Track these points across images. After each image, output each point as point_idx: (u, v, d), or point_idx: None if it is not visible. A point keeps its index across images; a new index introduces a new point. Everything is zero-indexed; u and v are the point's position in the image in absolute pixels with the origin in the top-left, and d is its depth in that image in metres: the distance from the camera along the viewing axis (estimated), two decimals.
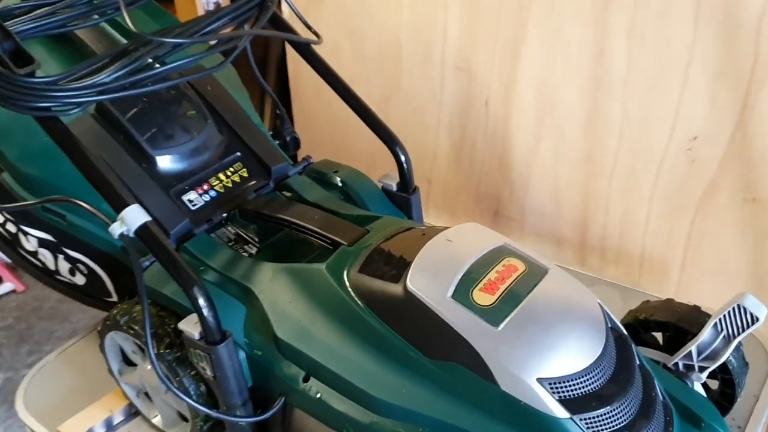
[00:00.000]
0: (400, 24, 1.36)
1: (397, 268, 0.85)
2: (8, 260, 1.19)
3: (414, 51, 1.37)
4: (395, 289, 0.82)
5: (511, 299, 0.79)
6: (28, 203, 0.91)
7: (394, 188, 1.11)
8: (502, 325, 0.76)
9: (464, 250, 0.84)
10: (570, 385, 0.74)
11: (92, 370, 1.16)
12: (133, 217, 0.84)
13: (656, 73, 1.13)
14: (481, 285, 0.80)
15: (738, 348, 0.88)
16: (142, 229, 0.84)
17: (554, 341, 0.76)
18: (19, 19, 0.89)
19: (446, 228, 0.89)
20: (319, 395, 0.85)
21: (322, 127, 1.49)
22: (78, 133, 0.88)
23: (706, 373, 0.87)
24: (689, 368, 0.88)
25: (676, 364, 0.89)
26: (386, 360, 0.82)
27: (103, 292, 1.10)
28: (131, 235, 0.84)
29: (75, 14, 0.95)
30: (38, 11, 0.91)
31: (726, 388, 0.91)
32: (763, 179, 1.11)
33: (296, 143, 1.22)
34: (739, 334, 0.84)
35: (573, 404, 0.74)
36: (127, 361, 1.04)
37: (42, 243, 1.08)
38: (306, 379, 0.86)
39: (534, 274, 0.82)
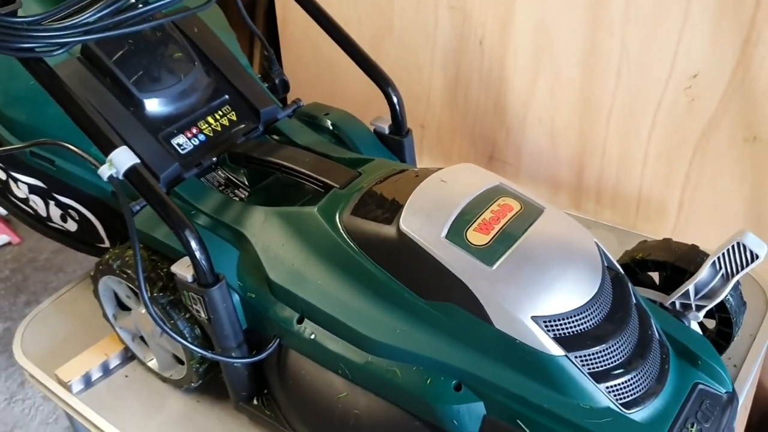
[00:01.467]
0: None
1: (390, 209, 0.83)
2: (2, 211, 1.17)
3: None
4: (388, 230, 0.81)
5: (505, 239, 0.78)
6: (15, 147, 0.89)
7: (387, 131, 1.09)
8: (496, 265, 0.75)
9: (458, 190, 0.82)
10: (565, 323, 0.74)
11: (86, 316, 1.17)
12: (122, 159, 0.82)
13: (656, 8, 1.10)
14: (475, 225, 0.78)
15: (736, 287, 0.88)
16: (131, 172, 0.83)
17: (549, 280, 0.75)
18: None
19: (440, 169, 0.88)
20: (313, 336, 0.85)
21: (311, 70, 1.46)
22: (63, 76, 0.86)
23: (703, 312, 0.87)
24: (686, 307, 0.87)
25: (673, 303, 0.88)
26: (380, 301, 0.81)
27: (95, 237, 1.09)
28: (120, 177, 0.83)
29: None
30: None
31: (723, 327, 0.91)
32: (765, 117, 1.09)
33: (285, 86, 1.19)
34: (738, 272, 0.83)
35: (568, 342, 0.73)
36: (122, 306, 1.04)
37: (32, 189, 1.06)
38: (300, 321, 0.86)
39: (529, 213, 0.81)
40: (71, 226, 1.09)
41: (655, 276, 0.94)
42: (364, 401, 0.82)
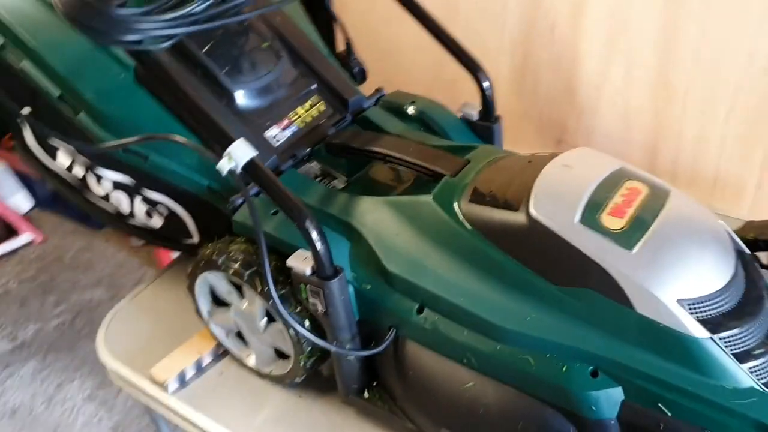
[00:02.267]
0: None
1: (513, 196, 0.82)
2: (23, 211, 1.15)
3: None
4: (517, 217, 0.80)
5: (640, 222, 0.77)
6: (125, 141, 0.87)
7: (476, 117, 1.08)
8: (636, 248, 0.75)
9: (584, 175, 0.82)
10: (708, 305, 0.73)
11: (168, 314, 1.16)
12: (241, 151, 0.81)
13: None
14: (608, 209, 0.78)
15: None
16: (250, 164, 0.81)
17: (691, 262, 0.75)
18: None
19: (553, 154, 0.87)
20: (434, 326, 0.84)
21: (369, 61, 1.45)
22: None
23: None
24: None
25: None
26: (507, 288, 0.81)
27: (182, 233, 1.07)
28: (239, 170, 0.81)
29: None
30: None
31: None
32: None
33: (363, 75, 1.18)
34: None
35: (712, 324, 0.73)
36: (216, 302, 1.03)
37: (117, 185, 1.05)
38: (420, 311, 0.85)
39: (658, 196, 0.80)
40: (156, 222, 1.07)
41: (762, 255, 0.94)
42: (493, 390, 0.81)
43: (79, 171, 1.07)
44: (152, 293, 1.21)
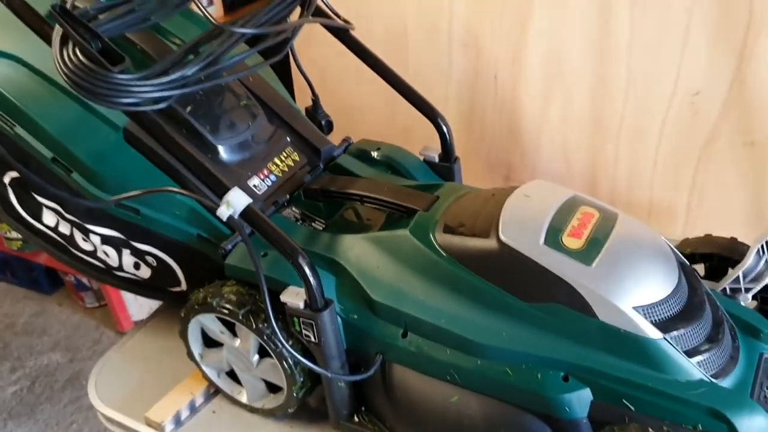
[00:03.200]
0: (406, 4, 1.43)
1: (483, 225, 0.93)
2: None
3: (420, 30, 1.44)
4: (488, 243, 0.90)
5: (596, 242, 0.88)
6: (128, 195, 0.94)
7: (436, 159, 1.19)
8: (594, 264, 0.86)
9: (543, 203, 0.93)
10: (660, 309, 0.84)
11: (155, 360, 1.21)
12: (239, 199, 0.89)
13: (658, 35, 1.24)
14: (567, 231, 0.89)
15: None
16: (247, 210, 0.89)
17: (642, 273, 0.86)
18: (101, 18, 0.92)
19: (513, 186, 0.98)
20: (419, 349, 0.92)
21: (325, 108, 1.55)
22: None
23: (751, 294, 0.99)
24: (736, 291, 1.00)
25: (724, 289, 1.00)
26: (484, 309, 0.90)
27: (171, 282, 1.13)
28: (237, 216, 0.89)
29: (152, 8, 0.98)
30: (116, 10, 0.94)
31: (764, 305, 1.03)
32: (760, 123, 1.24)
33: (330, 126, 1.27)
34: None
35: (664, 325, 0.84)
36: (207, 344, 1.09)
37: (105, 240, 1.10)
38: (404, 335, 0.93)
39: (608, 218, 0.92)
40: (144, 273, 1.13)
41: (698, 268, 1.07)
42: (476, 402, 0.90)
43: (65, 229, 1.13)
44: (138, 342, 1.26)
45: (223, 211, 0.88)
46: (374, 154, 1.19)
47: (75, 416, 2.21)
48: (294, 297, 0.93)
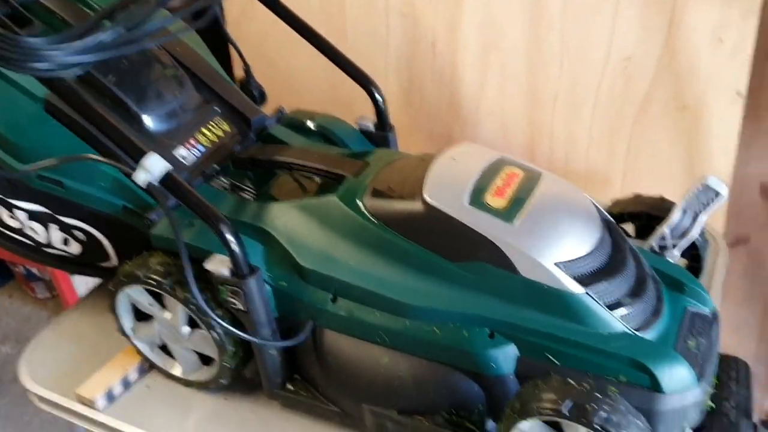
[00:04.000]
0: None
1: (409, 188, 0.92)
2: None
3: (357, 0, 1.44)
4: (414, 205, 0.90)
5: (519, 200, 0.88)
6: (42, 164, 0.91)
7: (372, 128, 1.18)
8: (517, 222, 0.86)
9: (469, 164, 0.93)
10: (581, 265, 0.85)
11: (89, 338, 1.19)
12: (157, 165, 0.88)
13: (590, 1, 1.25)
14: (491, 191, 0.89)
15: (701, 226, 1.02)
16: (166, 176, 0.88)
17: (564, 230, 0.87)
18: None
19: (441, 151, 0.98)
20: (349, 313, 0.92)
21: (267, 87, 1.53)
22: None
23: (678, 251, 1.00)
24: (663, 248, 1.01)
25: (652, 246, 1.01)
26: (411, 270, 0.90)
27: (101, 256, 1.11)
28: (156, 182, 0.88)
29: None
30: None
31: (693, 263, 1.05)
32: (690, 88, 1.25)
33: (263, 97, 1.26)
34: (704, 211, 0.98)
35: (585, 280, 0.85)
36: (138, 318, 1.07)
37: (32, 216, 1.08)
38: (334, 300, 0.93)
39: (531, 178, 0.92)
40: (74, 248, 1.11)
41: (629, 228, 1.08)
42: (406, 363, 0.90)
43: None
44: (72, 321, 1.23)
45: (140, 176, 0.87)
46: (308, 124, 1.18)
47: (26, 408, 2.17)
48: (219, 265, 0.92)
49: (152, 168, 0.87)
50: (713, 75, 1.24)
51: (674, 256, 1.01)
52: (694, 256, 1.04)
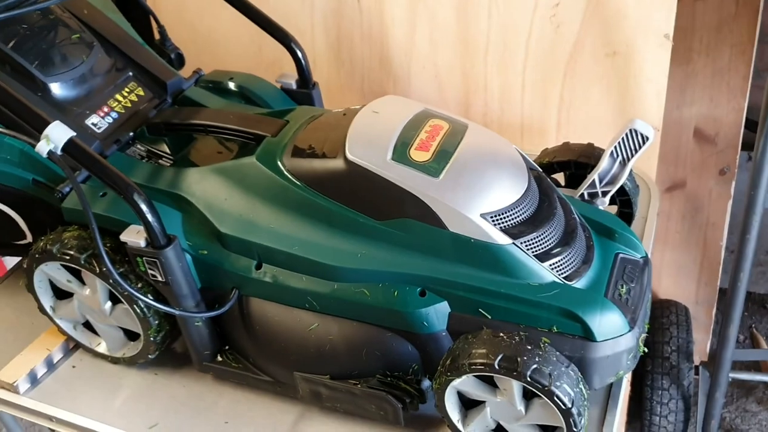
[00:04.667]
0: None
1: (331, 145, 0.89)
2: None
3: None
4: (336, 163, 0.86)
5: (444, 153, 0.85)
6: None
7: (294, 86, 1.14)
8: (441, 175, 0.83)
9: (392, 118, 0.89)
10: (507, 216, 0.83)
11: (9, 320, 1.13)
12: (59, 133, 0.82)
13: None
14: (415, 145, 0.86)
15: (630, 172, 1.01)
16: (70, 144, 0.83)
17: (488, 181, 0.84)
18: None
19: (362, 105, 0.94)
20: (274, 279, 0.89)
21: (189, 52, 1.47)
22: None
23: (608, 197, 0.99)
24: (593, 196, 0.99)
25: (582, 195, 1.00)
26: (337, 231, 0.87)
27: (14, 234, 1.05)
28: (59, 152, 0.82)
29: None
30: None
31: (624, 209, 1.04)
32: (620, 34, 1.23)
33: (181, 60, 1.20)
34: (633, 155, 0.96)
35: (512, 232, 0.83)
36: (58, 296, 1.02)
37: None
38: (258, 267, 0.89)
39: (457, 130, 0.89)
40: None
41: (559, 177, 1.06)
42: (336, 327, 0.87)
43: None
44: None
45: (42, 147, 0.81)
46: (227, 84, 1.13)
47: None
48: (134, 235, 0.87)
49: (54, 137, 0.82)
50: (641, 19, 1.22)
51: (603, 203, 0.99)
52: (624, 201, 1.03)
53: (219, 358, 0.97)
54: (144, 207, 0.84)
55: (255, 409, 0.97)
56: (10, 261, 2.24)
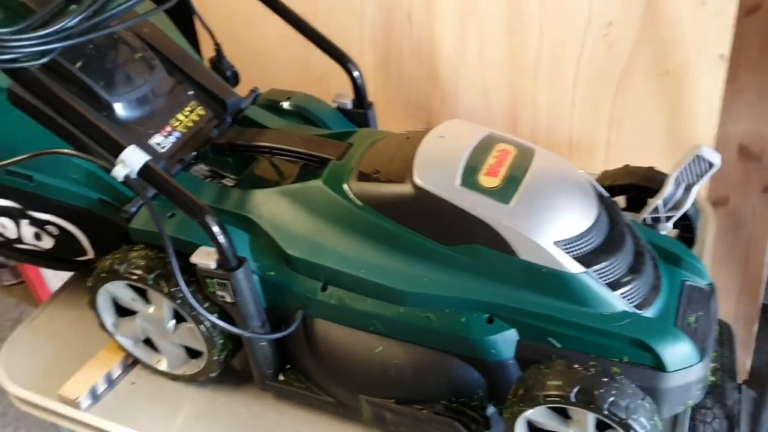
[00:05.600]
0: None
1: (397, 170, 0.89)
2: None
3: None
4: (403, 188, 0.86)
5: (513, 179, 0.85)
6: (18, 159, 0.86)
7: (350, 106, 1.14)
8: (512, 202, 0.83)
9: (459, 143, 0.89)
10: (580, 244, 0.83)
11: (67, 335, 1.15)
12: (135, 157, 0.83)
13: None
14: (483, 170, 0.86)
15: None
16: (145, 168, 0.83)
17: (561, 208, 0.84)
18: None
19: (428, 128, 0.94)
20: (340, 301, 0.89)
21: (236, 66, 1.48)
22: None
23: (671, 222, 0.99)
24: (656, 221, 0.99)
25: (644, 219, 1.00)
26: (403, 256, 0.87)
27: (76, 251, 1.06)
28: (134, 175, 0.83)
29: None
30: None
31: (686, 234, 1.03)
32: (673, 52, 1.23)
33: (236, 78, 1.21)
34: (697, 181, 0.96)
35: (584, 259, 0.82)
36: (119, 313, 1.03)
37: (0, 212, 1.03)
38: (324, 289, 0.90)
39: (525, 154, 0.89)
40: (46, 243, 1.06)
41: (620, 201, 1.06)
42: (402, 351, 0.88)
43: None
44: (47, 318, 1.19)
45: (119, 171, 0.82)
46: (284, 104, 1.14)
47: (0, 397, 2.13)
48: (205, 257, 0.88)
49: (131, 162, 0.83)
50: (696, 39, 1.22)
51: (667, 228, 0.99)
52: (685, 226, 1.03)
53: (281, 378, 0.98)
54: (216, 229, 0.84)
55: (317, 430, 0.97)
56: (55, 281, 2.25)
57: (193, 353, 1.02)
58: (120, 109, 1.00)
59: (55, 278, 2.36)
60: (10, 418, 2.08)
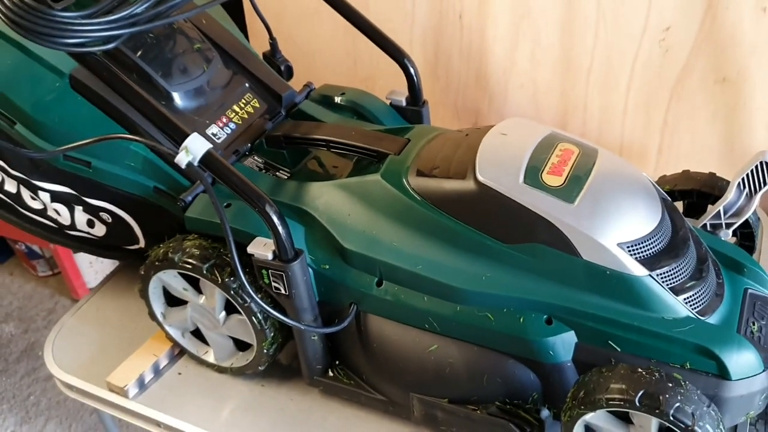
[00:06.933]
0: None
1: (458, 166, 0.88)
2: None
3: None
4: (465, 184, 0.86)
5: (577, 179, 0.84)
6: (81, 143, 0.86)
7: (404, 103, 1.13)
8: (577, 201, 0.82)
9: (521, 141, 0.88)
10: (644, 246, 0.81)
11: (114, 323, 1.15)
12: (198, 145, 0.83)
13: None
14: (547, 169, 0.85)
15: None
16: (207, 156, 0.83)
17: (625, 209, 0.83)
18: None
19: (488, 126, 0.93)
20: (395, 297, 0.88)
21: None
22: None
23: (731, 230, 0.97)
24: (716, 227, 0.97)
25: (705, 225, 0.98)
26: (461, 252, 0.86)
27: (127, 239, 1.07)
28: (196, 163, 0.83)
29: None
30: None
31: (745, 242, 1.01)
32: (732, 59, 1.21)
33: (290, 72, 1.21)
34: (761, 188, 0.94)
35: (649, 262, 0.81)
36: (169, 303, 1.03)
37: (56, 197, 1.03)
38: (379, 284, 0.89)
39: (588, 154, 0.88)
40: (98, 230, 1.07)
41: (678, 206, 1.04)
42: (457, 350, 0.87)
43: (11, 187, 1.05)
44: (94, 306, 1.19)
45: (182, 158, 0.82)
46: (338, 99, 1.13)
47: (32, 388, 2.14)
48: (262, 248, 0.87)
49: (194, 149, 0.83)
50: (755, 46, 1.20)
51: (727, 235, 0.97)
52: (745, 234, 1.01)
53: (330, 373, 0.97)
54: (276, 220, 0.84)
55: (366, 428, 0.96)
56: (82, 260, 2.27)
57: (241, 345, 1.01)
58: (178, 98, 1.00)
59: (89, 269, 2.38)
60: (43, 407, 2.09)
